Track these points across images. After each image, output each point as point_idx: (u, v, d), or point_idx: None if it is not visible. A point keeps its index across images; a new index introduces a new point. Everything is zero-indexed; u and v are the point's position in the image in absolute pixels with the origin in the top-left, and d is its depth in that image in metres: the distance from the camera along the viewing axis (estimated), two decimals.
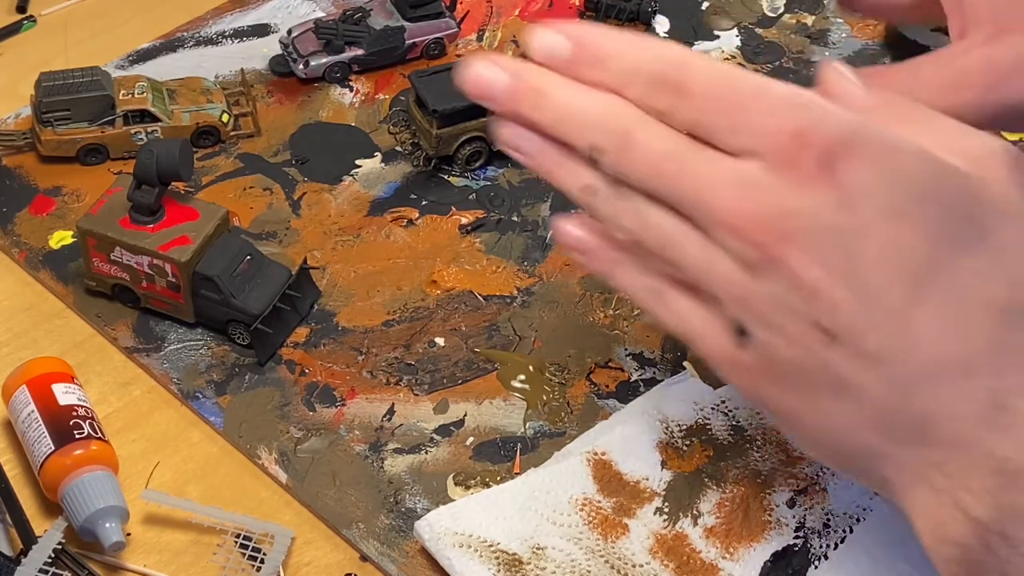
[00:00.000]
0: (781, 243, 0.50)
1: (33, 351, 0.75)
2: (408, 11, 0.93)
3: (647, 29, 0.97)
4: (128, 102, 0.85)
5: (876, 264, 0.50)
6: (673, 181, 0.53)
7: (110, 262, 0.76)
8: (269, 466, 0.70)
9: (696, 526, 0.66)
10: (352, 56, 0.92)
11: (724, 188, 0.51)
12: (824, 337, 0.51)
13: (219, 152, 0.88)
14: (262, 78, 0.93)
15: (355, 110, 0.91)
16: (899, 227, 0.50)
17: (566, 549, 0.65)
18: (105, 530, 0.65)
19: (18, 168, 0.87)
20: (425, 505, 0.68)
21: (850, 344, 0.50)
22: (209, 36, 0.96)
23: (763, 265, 0.51)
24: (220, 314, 0.75)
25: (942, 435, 0.50)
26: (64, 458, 0.67)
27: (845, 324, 0.50)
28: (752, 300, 0.52)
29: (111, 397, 0.74)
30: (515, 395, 0.74)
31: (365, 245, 0.82)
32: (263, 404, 0.73)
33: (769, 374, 0.53)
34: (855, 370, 0.51)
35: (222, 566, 0.66)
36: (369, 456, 0.71)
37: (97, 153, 0.86)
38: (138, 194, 0.75)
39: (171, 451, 0.72)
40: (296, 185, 0.86)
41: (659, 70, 0.53)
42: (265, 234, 0.82)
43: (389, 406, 0.73)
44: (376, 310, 0.78)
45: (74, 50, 0.96)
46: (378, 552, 0.67)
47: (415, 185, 0.86)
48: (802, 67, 0.93)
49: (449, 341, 0.76)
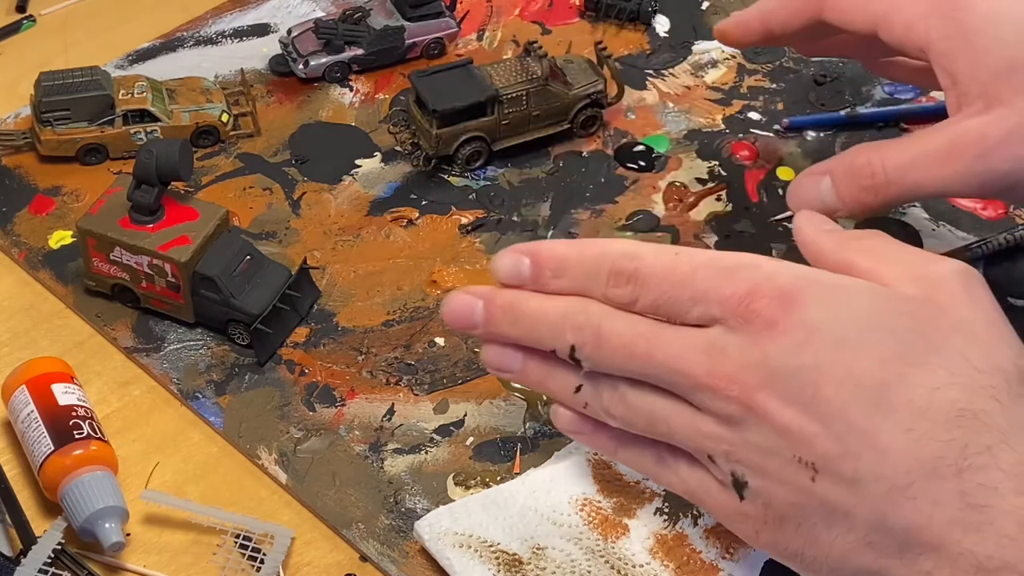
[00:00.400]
0: (753, 393, 0.55)
1: (33, 351, 0.75)
2: (408, 11, 0.93)
3: (647, 29, 0.97)
4: (128, 102, 0.85)
5: (837, 394, 0.54)
6: (647, 360, 0.58)
7: (110, 262, 0.76)
8: (269, 466, 0.70)
9: (696, 526, 0.66)
10: (352, 56, 0.92)
11: (693, 355, 0.57)
12: (808, 471, 0.55)
13: (219, 152, 0.88)
14: (262, 78, 0.93)
15: (355, 110, 0.91)
16: (851, 356, 0.54)
17: (566, 549, 0.65)
18: (105, 530, 0.65)
19: (18, 168, 0.86)
20: (425, 505, 0.68)
21: (831, 472, 0.54)
22: (209, 36, 0.96)
23: (742, 416, 0.56)
24: (220, 314, 0.75)
25: (925, 542, 0.53)
26: (64, 458, 0.67)
27: (822, 454, 0.54)
28: (739, 451, 0.56)
29: (111, 397, 0.74)
30: (515, 395, 0.74)
31: (365, 245, 0.82)
32: (263, 404, 0.73)
33: (770, 520, 0.57)
34: (840, 496, 0.54)
35: (222, 566, 0.66)
36: (369, 456, 0.71)
37: (97, 153, 0.86)
38: (138, 194, 0.75)
39: (171, 451, 0.72)
40: (296, 185, 0.86)
41: (614, 266, 0.59)
42: (265, 234, 0.82)
43: (389, 406, 0.73)
44: (376, 310, 0.78)
45: (74, 50, 0.96)
46: (378, 552, 0.67)
47: (415, 185, 0.86)
48: (802, 66, 0.93)
49: (449, 341, 0.76)
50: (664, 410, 0.59)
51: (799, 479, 0.55)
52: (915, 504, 0.53)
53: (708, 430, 0.57)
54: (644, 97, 0.92)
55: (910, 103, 0.90)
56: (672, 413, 0.58)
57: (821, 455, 0.54)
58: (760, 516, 0.57)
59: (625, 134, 0.89)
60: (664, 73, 0.93)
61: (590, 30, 0.97)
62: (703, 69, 0.94)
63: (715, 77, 0.93)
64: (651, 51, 0.95)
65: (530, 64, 0.86)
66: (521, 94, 0.85)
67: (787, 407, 0.55)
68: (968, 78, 0.65)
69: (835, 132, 0.89)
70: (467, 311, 0.62)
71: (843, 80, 0.92)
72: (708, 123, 0.90)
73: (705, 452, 0.58)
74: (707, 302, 0.57)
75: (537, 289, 0.61)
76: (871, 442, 0.54)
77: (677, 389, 0.58)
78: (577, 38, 0.96)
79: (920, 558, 0.54)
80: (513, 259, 0.62)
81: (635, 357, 0.58)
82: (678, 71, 0.94)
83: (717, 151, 0.88)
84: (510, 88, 0.85)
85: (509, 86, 0.85)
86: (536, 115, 0.86)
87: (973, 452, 0.53)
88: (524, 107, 0.85)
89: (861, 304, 0.56)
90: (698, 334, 0.57)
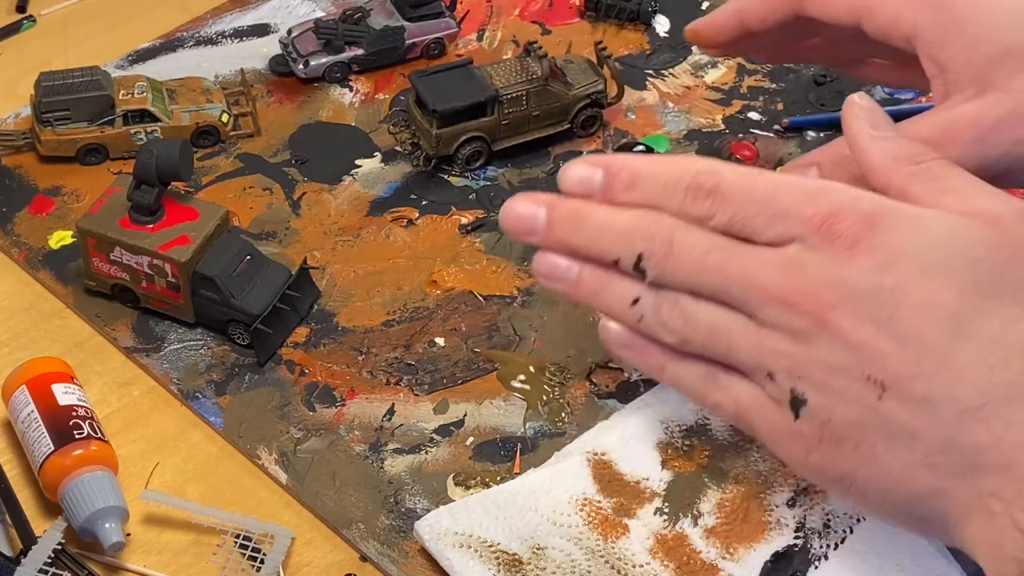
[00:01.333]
0: (829, 310, 0.55)
1: (33, 351, 0.75)
2: (408, 11, 0.93)
3: (647, 29, 0.97)
4: (128, 102, 0.85)
5: (916, 316, 0.55)
6: (719, 274, 0.58)
7: (110, 262, 0.76)
8: (269, 466, 0.70)
9: (696, 526, 0.66)
10: (352, 56, 0.92)
11: (770, 270, 0.57)
12: (876, 389, 0.55)
13: (219, 152, 0.88)
14: (262, 78, 0.93)
15: (355, 110, 0.91)
16: (933, 282, 0.55)
17: (566, 549, 0.65)
18: (105, 530, 0.65)
19: (18, 168, 0.87)
20: (425, 505, 0.68)
21: (900, 391, 0.55)
22: (209, 36, 0.96)
23: (814, 332, 0.56)
24: (220, 314, 0.75)
25: (993, 463, 0.54)
26: (64, 458, 0.67)
27: (894, 373, 0.55)
28: (806, 367, 0.56)
29: (111, 397, 0.74)
30: (515, 395, 0.74)
31: (365, 245, 0.82)
32: (263, 404, 0.73)
33: (826, 439, 0.57)
34: (907, 416, 0.55)
35: (222, 566, 0.66)
36: (369, 456, 0.71)
37: (97, 153, 0.86)
38: (138, 194, 0.75)
39: (171, 451, 0.72)
40: (296, 185, 0.86)
41: (694, 180, 0.59)
42: (265, 234, 0.82)
43: (389, 406, 0.73)
44: (376, 310, 0.78)
45: (74, 50, 0.96)
46: (378, 552, 0.67)
47: (415, 185, 0.86)
48: (802, 66, 0.93)
49: (449, 341, 0.76)
50: (727, 324, 0.58)
51: (866, 397, 0.55)
52: (987, 426, 0.53)
53: (773, 345, 0.57)
54: (644, 97, 0.92)
55: (910, 103, 0.90)
56: (735, 327, 0.58)
57: (893, 374, 0.54)
58: (815, 435, 0.57)
59: (625, 134, 0.89)
60: (664, 73, 0.93)
61: (590, 30, 0.97)
62: (703, 69, 0.94)
63: (715, 77, 0.93)
64: (651, 51, 0.95)
65: (530, 64, 0.86)
66: (521, 94, 0.85)
67: (863, 325, 0.55)
68: (960, 65, 0.65)
69: (835, 132, 0.89)
70: (529, 215, 0.61)
71: (843, 80, 0.92)
72: (708, 123, 0.90)
73: (765, 369, 0.57)
74: (788, 221, 0.57)
75: (605, 201, 0.60)
76: (946, 365, 0.54)
77: (746, 304, 0.57)
78: (577, 38, 0.96)
79: (984, 479, 0.54)
80: (586, 170, 0.61)
81: (706, 270, 0.58)
82: (678, 71, 0.94)
83: (717, 151, 0.88)
84: (510, 88, 0.85)
85: (509, 86, 0.85)
86: (536, 115, 0.86)
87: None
88: (524, 107, 0.85)
89: (941, 232, 0.56)
90: (775, 251, 0.57)
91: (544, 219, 0.61)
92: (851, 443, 0.56)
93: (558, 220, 0.61)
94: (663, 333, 0.60)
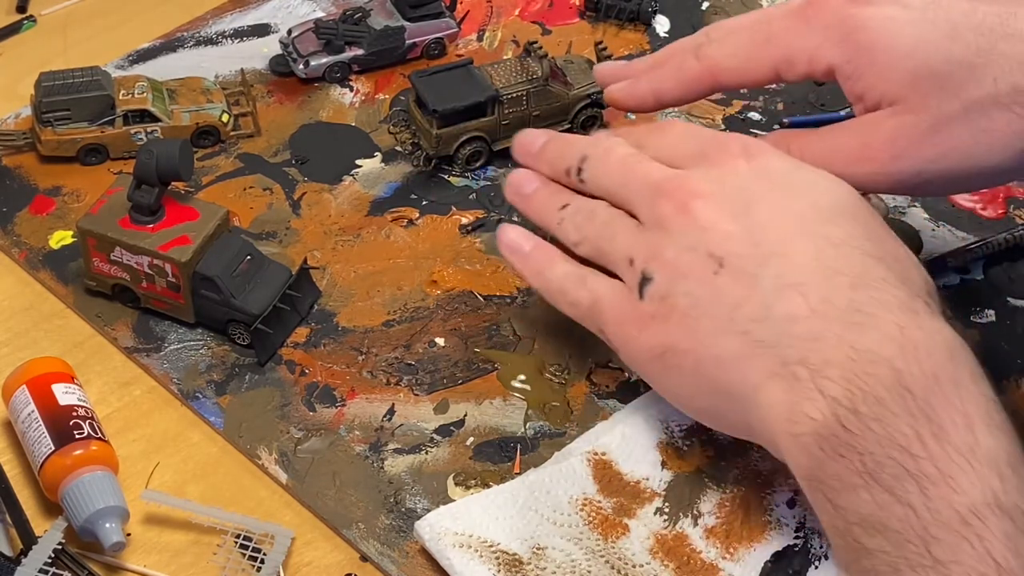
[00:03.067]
0: (693, 198, 0.64)
1: (33, 351, 0.75)
2: (408, 11, 0.93)
3: (647, 29, 0.97)
4: (128, 102, 0.85)
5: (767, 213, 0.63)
6: (630, 172, 0.68)
7: (110, 262, 0.76)
8: (269, 466, 0.70)
9: (696, 526, 0.66)
10: (352, 56, 0.92)
11: (663, 172, 0.67)
12: (714, 264, 0.62)
13: (219, 152, 0.88)
14: (262, 78, 0.93)
15: (355, 110, 0.91)
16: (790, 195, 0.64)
17: (566, 549, 0.65)
18: (105, 530, 0.65)
19: (18, 168, 0.87)
20: (425, 505, 0.68)
21: (735, 266, 0.62)
22: (209, 36, 0.96)
23: (677, 217, 0.64)
24: (220, 314, 0.75)
25: (804, 332, 0.59)
26: (64, 458, 0.67)
27: (734, 251, 0.62)
28: (661, 248, 0.64)
29: (111, 397, 0.74)
30: (515, 395, 0.74)
31: (365, 245, 0.82)
32: (263, 404, 0.73)
33: (659, 315, 0.64)
34: (735, 288, 0.61)
35: (222, 566, 0.66)
36: (369, 456, 0.71)
37: (97, 153, 0.86)
38: (138, 194, 0.75)
39: (171, 451, 0.72)
40: (296, 185, 0.86)
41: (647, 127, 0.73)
42: (265, 234, 0.82)
43: (389, 406, 0.73)
44: (376, 310, 0.78)
45: (74, 50, 0.96)
46: (378, 552, 0.67)
47: (415, 185, 0.86)
48: None
49: (449, 341, 0.76)
50: (617, 219, 0.67)
51: (704, 271, 0.62)
52: (804, 299, 0.59)
53: (641, 235, 0.65)
54: None
55: None
56: (620, 222, 0.67)
57: (733, 251, 0.62)
58: (650, 311, 0.64)
59: None
60: None
61: (590, 30, 0.97)
62: None
63: None
64: (651, 51, 0.95)
65: (530, 64, 0.86)
66: (521, 94, 0.85)
67: (719, 212, 0.63)
68: (877, 93, 0.68)
69: None
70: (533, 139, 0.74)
71: None
72: (708, 123, 0.90)
73: (628, 256, 0.65)
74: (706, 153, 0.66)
75: None
76: (782, 251, 0.61)
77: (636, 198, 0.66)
78: (577, 38, 0.96)
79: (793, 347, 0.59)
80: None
81: (622, 169, 0.68)
82: None
83: None
84: (510, 88, 0.85)
85: (509, 86, 0.85)
86: (536, 115, 0.86)
87: (870, 279, 0.60)
88: (524, 107, 0.85)
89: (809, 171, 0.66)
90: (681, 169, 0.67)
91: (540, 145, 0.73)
92: (679, 313, 0.63)
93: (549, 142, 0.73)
94: (570, 231, 0.69)
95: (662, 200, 0.65)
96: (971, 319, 0.77)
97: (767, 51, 0.71)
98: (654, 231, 0.65)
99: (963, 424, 0.55)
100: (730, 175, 0.65)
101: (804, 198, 0.63)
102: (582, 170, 0.70)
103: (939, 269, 0.79)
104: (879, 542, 0.55)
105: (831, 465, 0.56)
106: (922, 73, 0.66)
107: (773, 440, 0.60)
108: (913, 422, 0.55)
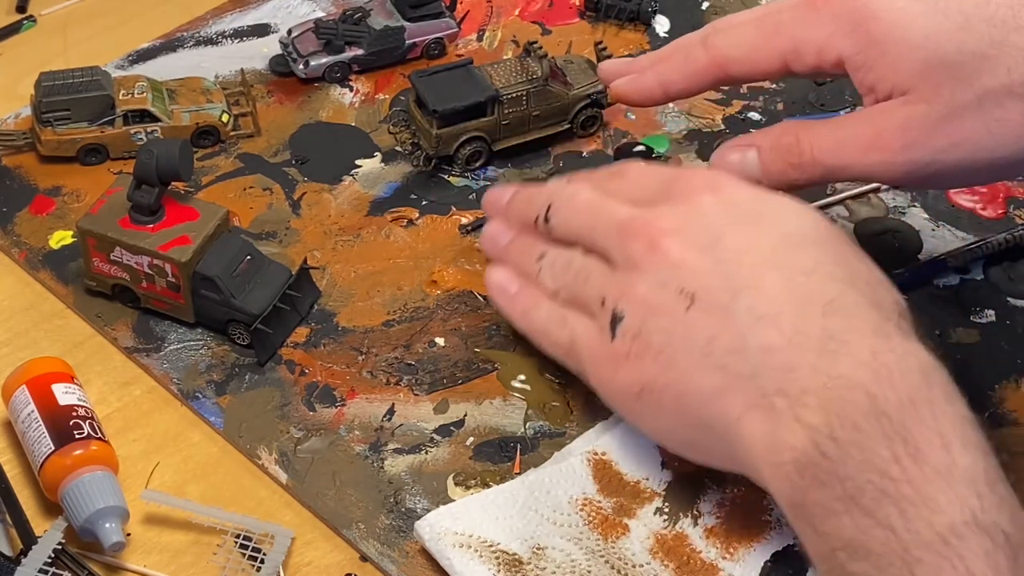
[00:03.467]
0: (662, 235, 0.64)
1: (33, 351, 0.75)
2: (408, 11, 0.93)
3: (647, 29, 0.97)
4: (128, 102, 0.85)
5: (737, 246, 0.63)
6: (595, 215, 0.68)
7: (110, 262, 0.76)
8: (269, 466, 0.70)
9: (696, 526, 0.66)
10: (352, 56, 0.92)
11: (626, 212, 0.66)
12: (686, 300, 0.62)
13: (219, 152, 0.88)
14: (262, 78, 0.93)
15: (355, 110, 0.91)
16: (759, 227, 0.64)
17: (566, 549, 0.65)
18: (105, 530, 0.65)
19: (18, 168, 0.87)
20: (425, 505, 0.68)
21: (707, 301, 0.62)
22: (209, 36, 0.96)
23: (646, 255, 0.64)
24: (220, 314, 0.75)
25: (780, 363, 0.59)
26: (64, 458, 0.67)
27: (705, 286, 0.62)
28: (631, 287, 0.64)
29: (111, 397, 0.74)
30: (515, 395, 0.74)
31: (365, 245, 0.82)
32: (263, 404, 0.73)
33: (633, 353, 0.64)
34: (708, 322, 0.61)
35: (222, 566, 0.66)
36: (369, 456, 0.71)
37: (97, 153, 0.86)
38: (138, 194, 0.75)
39: (171, 451, 0.72)
40: (296, 185, 0.86)
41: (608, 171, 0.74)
42: (265, 234, 0.82)
43: (389, 406, 0.73)
44: (376, 310, 0.78)
45: (74, 50, 0.96)
46: (378, 552, 0.67)
47: (415, 185, 0.86)
48: None
49: (449, 341, 0.76)
50: (591, 266, 0.68)
51: (676, 308, 0.62)
52: (779, 329, 0.59)
53: (613, 276, 0.66)
54: None
55: None
56: (593, 267, 0.67)
57: (704, 286, 0.62)
58: (625, 350, 0.64)
59: (625, 134, 0.89)
60: None
61: (590, 30, 0.97)
62: None
63: None
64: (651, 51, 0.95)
65: (530, 64, 0.86)
66: (521, 94, 0.85)
67: (688, 248, 0.63)
68: (888, 84, 0.67)
69: None
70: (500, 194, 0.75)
71: (843, 80, 0.92)
72: (708, 123, 0.90)
73: (601, 297, 0.66)
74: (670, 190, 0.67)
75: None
76: (753, 283, 0.61)
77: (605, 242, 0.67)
78: (577, 38, 0.96)
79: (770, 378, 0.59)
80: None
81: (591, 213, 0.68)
82: None
83: None
84: (510, 88, 0.85)
85: (509, 86, 0.85)
86: (536, 115, 0.86)
87: (841, 305, 0.60)
88: (524, 107, 0.85)
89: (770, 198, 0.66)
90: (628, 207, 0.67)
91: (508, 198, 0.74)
92: (654, 351, 0.63)
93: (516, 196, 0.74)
94: (548, 281, 0.70)
95: (630, 240, 0.65)
96: (971, 319, 0.77)
97: (775, 42, 0.71)
98: (625, 271, 0.65)
99: (940, 444, 0.55)
100: (696, 210, 0.65)
101: (772, 228, 0.63)
102: (549, 218, 0.70)
103: (939, 269, 0.79)
104: (863, 566, 0.54)
105: (813, 492, 0.56)
106: (934, 63, 0.66)
107: (756, 470, 0.60)
108: (890, 445, 0.55)
